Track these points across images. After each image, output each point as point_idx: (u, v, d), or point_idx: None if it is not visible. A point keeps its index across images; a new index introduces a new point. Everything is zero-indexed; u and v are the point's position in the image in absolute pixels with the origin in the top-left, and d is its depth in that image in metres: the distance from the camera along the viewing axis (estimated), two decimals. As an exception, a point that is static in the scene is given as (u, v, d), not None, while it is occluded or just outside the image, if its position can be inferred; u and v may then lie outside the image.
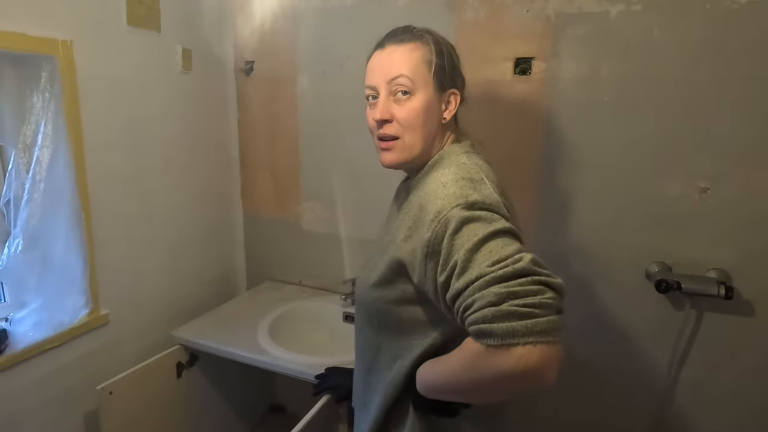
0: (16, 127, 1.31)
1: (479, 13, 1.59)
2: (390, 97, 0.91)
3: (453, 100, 0.95)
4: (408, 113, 0.90)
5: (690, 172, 1.43)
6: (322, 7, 1.79)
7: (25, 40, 1.23)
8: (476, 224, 0.75)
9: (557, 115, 1.55)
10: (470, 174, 0.85)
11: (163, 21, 1.65)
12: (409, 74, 0.89)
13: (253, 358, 1.53)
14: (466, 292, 0.71)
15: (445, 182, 0.83)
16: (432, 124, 0.92)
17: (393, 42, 0.92)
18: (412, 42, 0.91)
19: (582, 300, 1.58)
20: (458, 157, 0.91)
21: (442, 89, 0.93)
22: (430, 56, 0.90)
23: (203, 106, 1.89)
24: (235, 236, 2.14)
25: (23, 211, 1.28)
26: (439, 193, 0.82)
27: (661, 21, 1.39)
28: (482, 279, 0.69)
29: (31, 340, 1.31)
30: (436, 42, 0.92)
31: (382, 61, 0.92)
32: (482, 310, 0.67)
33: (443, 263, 0.76)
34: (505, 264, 0.69)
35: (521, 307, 0.65)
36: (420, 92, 0.90)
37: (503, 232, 0.75)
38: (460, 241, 0.74)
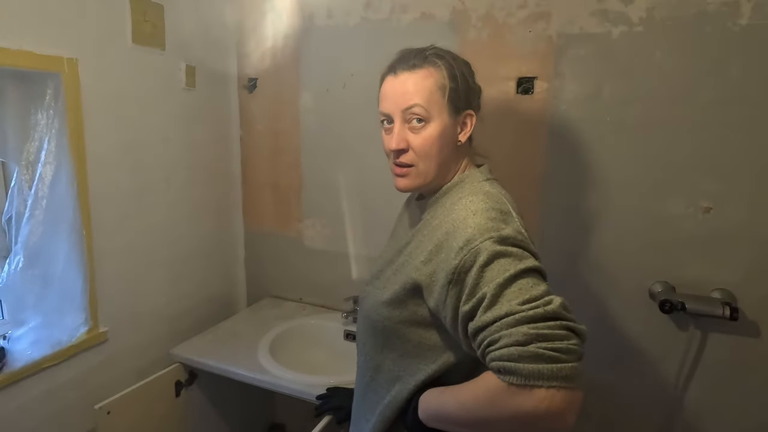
0: (20, 143, 1.31)
1: (482, 33, 1.60)
2: (405, 125, 0.91)
3: (469, 121, 0.95)
4: (424, 141, 0.90)
5: (692, 191, 1.43)
6: (326, 26, 1.81)
7: (32, 57, 1.24)
8: (507, 260, 0.75)
9: (559, 134, 1.55)
10: (499, 204, 0.85)
11: (167, 39, 1.66)
12: (424, 103, 0.88)
13: (253, 378, 1.51)
14: (493, 327, 0.71)
15: (474, 210, 0.83)
16: (447, 149, 0.92)
17: (405, 68, 0.91)
18: (425, 68, 0.90)
19: (585, 319, 1.55)
20: (482, 185, 0.92)
21: (457, 112, 0.92)
22: (443, 81, 0.90)
23: (206, 123, 1.89)
24: (235, 252, 2.13)
25: (24, 228, 1.28)
26: (468, 222, 0.82)
27: (663, 42, 1.40)
28: (512, 317, 0.70)
29: (29, 359, 1.29)
30: (449, 65, 0.91)
31: (395, 89, 0.91)
32: (509, 347, 0.68)
33: (469, 293, 0.76)
34: (536, 305, 0.70)
35: (548, 350, 0.67)
36: (435, 120, 0.89)
37: (533, 270, 0.76)
38: (490, 275, 0.74)
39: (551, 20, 1.51)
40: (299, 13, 1.84)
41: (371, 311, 0.96)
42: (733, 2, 1.32)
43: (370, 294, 1.00)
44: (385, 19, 1.72)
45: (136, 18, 1.53)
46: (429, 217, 0.95)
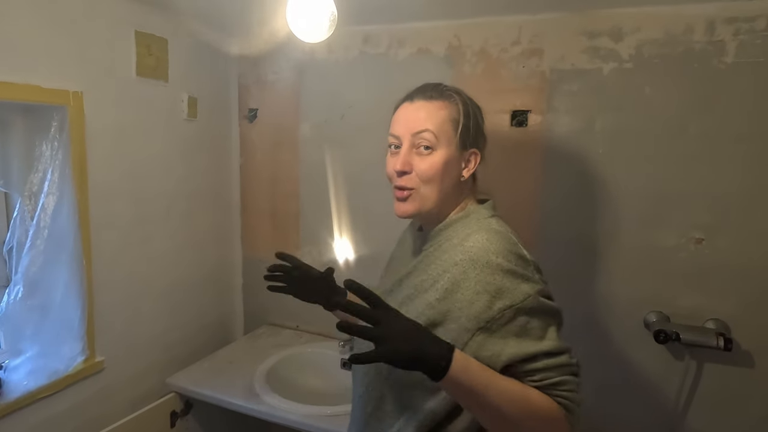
0: (23, 175, 1.34)
1: (476, 68, 1.65)
2: (412, 149, 0.94)
3: (473, 159, 0.97)
4: (428, 167, 0.92)
5: (685, 223, 1.46)
6: (326, 59, 1.86)
7: (39, 91, 1.28)
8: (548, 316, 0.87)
9: (554, 166, 1.59)
10: (514, 247, 0.89)
11: (171, 71, 1.70)
12: (434, 130, 0.92)
13: (249, 408, 1.50)
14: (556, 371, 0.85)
15: (496, 252, 0.86)
16: (450, 180, 0.94)
17: (422, 98, 0.95)
18: (441, 100, 0.94)
19: (580, 349, 1.56)
20: (489, 221, 0.94)
21: (464, 148, 0.95)
22: (456, 116, 0.93)
23: (207, 152, 1.92)
24: (233, 280, 2.14)
25: (25, 258, 1.29)
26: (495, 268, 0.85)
27: (652, 79, 1.45)
28: (569, 367, 0.87)
29: (25, 389, 1.29)
30: (464, 103, 0.95)
31: (409, 114, 0.95)
32: (573, 393, 0.86)
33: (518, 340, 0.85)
34: (577, 361, 0.88)
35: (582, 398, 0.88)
36: (442, 149, 0.92)
37: (562, 323, 0.91)
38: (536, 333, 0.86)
39: (544, 56, 1.56)
40: (300, 47, 1.89)
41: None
42: (719, 41, 1.38)
43: None
44: (382, 54, 1.77)
45: (141, 51, 1.58)
46: (432, 249, 0.95)
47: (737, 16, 1.35)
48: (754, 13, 1.34)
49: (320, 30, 1.12)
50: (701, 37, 1.39)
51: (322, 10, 1.09)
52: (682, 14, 1.40)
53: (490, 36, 1.62)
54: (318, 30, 1.12)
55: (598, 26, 1.50)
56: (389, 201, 1.82)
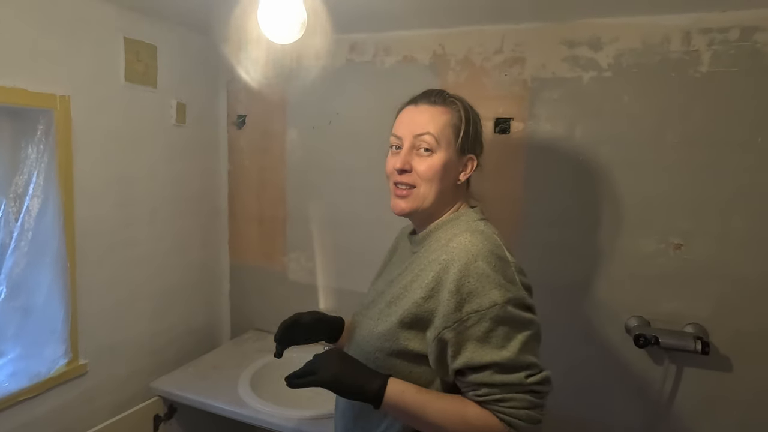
0: (8, 177, 1.35)
1: (460, 76, 1.68)
2: (413, 150, 0.98)
3: (470, 164, 1.01)
4: (427, 167, 0.96)
5: (664, 229, 1.48)
6: (313, 67, 1.88)
7: (25, 95, 1.29)
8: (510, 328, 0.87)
9: (536, 172, 1.61)
10: (496, 248, 0.91)
11: (159, 77, 1.72)
12: (435, 133, 0.95)
13: (232, 411, 1.51)
14: (503, 388, 0.86)
15: (475, 254, 0.88)
16: (447, 181, 0.98)
17: (426, 102, 0.99)
18: (444, 106, 0.98)
19: (562, 354, 1.59)
20: (477, 224, 0.97)
21: (462, 153, 0.99)
22: (457, 122, 0.97)
23: (195, 158, 1.94)
24: (220, 286, 2.14)
25: (9, 260, 1.30)
26: (471, 270, 0.87)
27: (630, 87, 1.49)
28: (520, 386, 0.86)
29: (5, 391, 1.29)
30: (466, 110, 1.00)
31: (413, 116, 0.99)
32: (520, 410, 0.86)
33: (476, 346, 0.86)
34: (537, 380, 0.86)
35: (537, 414, 0.87)
36: (442, 151, 0.96)
37: (536, 336, 0.89)
38: (497, 341, 0.86)
39: (526, 65, 1.60)
40: (288, 55, 1.91)
41: (364, 342, 0.98)
42: (694, 51, 1.41)
43: (361, 324, 1.02)
44: (368, 62, 1.80)
45: (130, 57, 1.60)
46: (422, 250, 0.99)
47: (711, 27, 1.39)
48: (728, 25, 1.37)
49: (290, 32, 1.16)
50: (677, 47, 1.43)
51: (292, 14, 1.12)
52: (659, 25, 1.44)
53: (474, 45, 1.65)
54: (288, 32, 1.15)
55: (578, 36, 1.53)
56: (377, 206, 1.86)
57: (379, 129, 1.78)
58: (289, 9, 1.09)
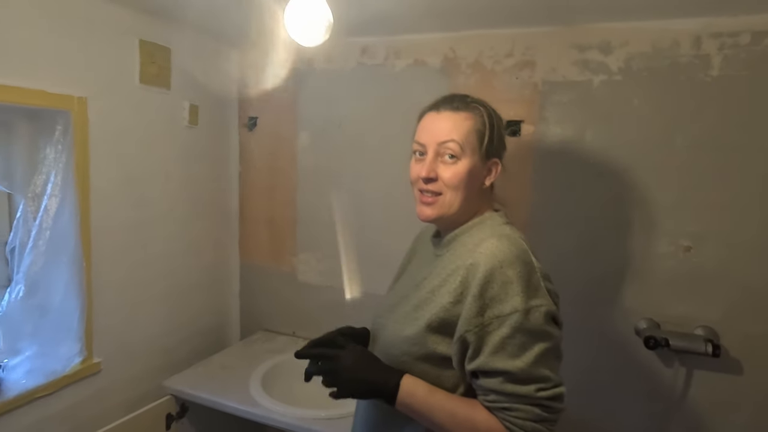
0: (27, 177, 1.37)
1: (470, 79, 1.69)
2: (438, 158, 0.97)
3: (494, 168, 1.01)
4: (453, 175, 0.96)
5: (673, 231, 1.49)
6: (324, 69, 1.91)
7: (45, 96, 1.31)
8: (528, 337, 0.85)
9: (546, 175, 1.62)
10: (522, 254, 0.90)
11: (173, 79, 1.74)
12: (460, 140, 0.95)
13: (245, 410, 1.52)
14: (511, 398, 0.85)
15: (502, 260, 0.88)
16: (473, 187, 0.98)
17: (449, 108, 0.98)
18: (466, 112, 0.97)
19: (572, 357, 1.59)
20: (503, 228, 0.97)
21: (487, 158, 0.98)
22: (481, 127, 0.97)
23: (206, 159, 1.96)
24: (230, 286, 2.16)
25: (27, 258, 1.32)
26: (496, 276, 0.87)
27: (640, 91, 1.50)
28: (529, 398, 0.85)
29: (23, 388, 1.30)
30: (489, 115, 0.99)
31: (435, 124, 0.98)
32: (525, 421, 0.85)
33: (491, 351, 0.85)
34: (549, 395, 0.85)
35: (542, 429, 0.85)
36: (466, 158, 0.95)
37: (554, 350, 0.88)
38: (512, 349, 0.85)
39: (536, 68, 1.61)
40: (299, 57, 1.93)
41: (390, 345, 0.98)
42: (704, 55, 1.42)
43: (386, 327, 1.02)
44: (380, 65, 1.82)
45: (144, 60, 1.62)
46: (448, 254, 0.99)
47: (722, 32, 1.40)
48: (738, 29, 1.38)
49: (316, 35, 1.17)
50: (688, 50, 1.44)
51: (318, 16, 1.14)
52: (669, 29, 1.45)
53: (485, 48, 1.67)
54: (314, 35, 1.17)
55: (588, 40, 1.54)
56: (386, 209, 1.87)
57: (389, 132, 1.81)
58: (315, 11, 1.11)
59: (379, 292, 1.74)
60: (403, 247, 1.23)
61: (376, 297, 1.18)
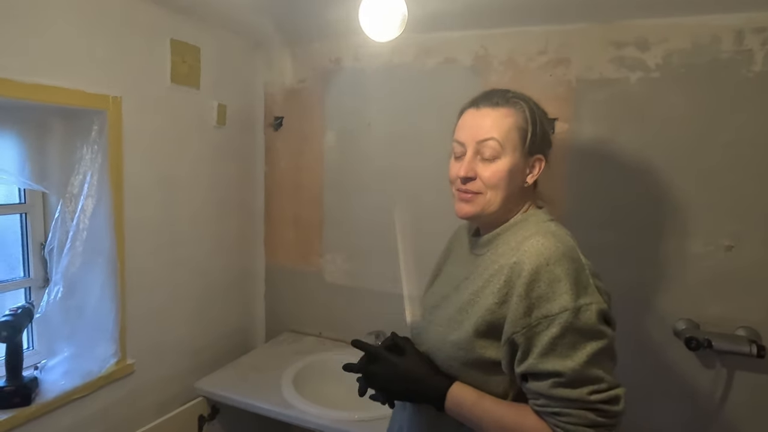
0: (64, 177, 1.36)
1: (503, 76, 1.67)
2: (477, 156, 0.94)
3: (538, 165, 0.97)
4: (492, 174, 0.93)
5: (713, 230, 1.47)
6: (352, 68, 1.89)
7: (82, 96, 1.31)
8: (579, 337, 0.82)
9: (579, 173, 1.60)
10: (570, 251, 0.87)
11: (202, 78, 1.73)
12: (500, 138, 0.92)
13: (279, 412, 1.50)
14: (562, 403, 0.81)
15: (548, 257, 0.85)
16: (514, 186, 0.95)
17: (488, 105, 0.95)
18: (507, 108, 0.94)
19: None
20: (547, 225, 0.94)
21: (529, 155, 0.95)
22: (522, 124, 0.93)
23: (233, 159, 1.95)
24: (256, 287, 2.15)
25: (64, 259, 1.31)
26: (542, 274, 0.84)
27: (679, 88, 1.47)
28: (582, 403, 0.81)
29: (61, 389, 1.30)
30: (531, 110, 0.95)
31: (475, 121, 0.95)
32: (578, 427, 0.81)
33: (540, 353, 0.82)
34: (602, 398, 0.81)
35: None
36: (507, 156, 0.92)
37: (608, 350, 0.85)
38: (563, 350, 0.82)
39: (570, 66, 1.59)
40: (326, 56, 1.92)
41: (435, 350, 0.96)
42: (747, 51, 1.40)
43: (428, 330, 1.00)
44: (409, 63, 1.80)
45: (175, 59, 1.61)
46: (490, 253, 0.96)
47: (765, 26, 1.37)
48: (783, 24, 1.36)
49: (391, 29, 1.18)
50: (729, 46, 1.41)
51: (393, 9, 1.13)
52: (709, 25, 1.43)
53: (517, 46, 1.65)
54: (388, 29, 1.17)
55: (625, 36, 1.52)
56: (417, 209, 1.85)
57: (420, 131, 1.79)
58: (391, 4, 1.10)
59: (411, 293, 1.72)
60: (434, 248, 1.21)
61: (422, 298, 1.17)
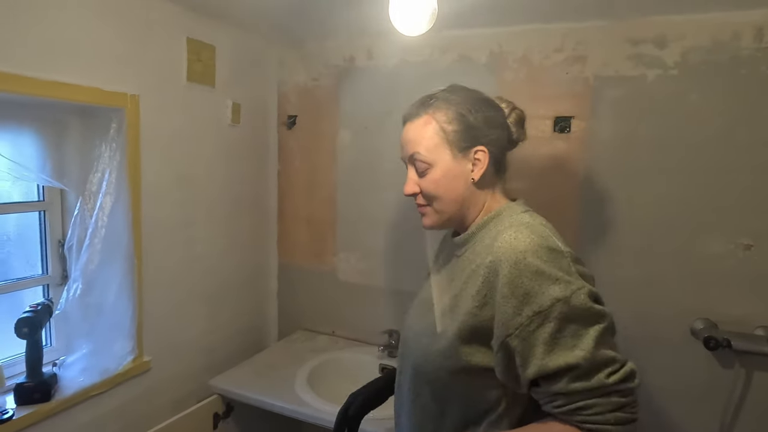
0: (83, 174, 1.37)
1: (519, 74, 1.67)
2: (415, 170, 0.95)
3: (481, 157, 0.92)
4: (428, 185, 0.93)
5: (732, 229, 1.45)
6: (366, 67, 1.89)
7: (100, 94, 1.31)
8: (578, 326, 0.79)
9: (596, 172, 1.59)
10: (545, 240, 0.83)
11: (217, 77, 1.74)
12: (423, 150, 0.92)
13: (294, 410, 1.50)
14: (584, 394, 0.78)
15: (524, 250, 0.80)
16: (458, 187, 0.93)
17: (410, 117, 0.96)
18: (425, 115, 0.93)
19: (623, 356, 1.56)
20: (520, 217, 0.90)
21: (465, 151, 0.92)
22: (445, 125, 0.91)
23: (247, 158, 1.95)
24: (269, 285, 2.15)
25: (83, 256, 1.32)
26: (522, 268, 0.79)
27: (698, 85, 1.46)
28: (603, 389, 0.78)
29: (79, 386, 1.31)
30: (452, 108, 0.92)
31: (404, 137, 0.96)
32: (606, 415, 0.78)
33: (545, 351, 0.78)
34: (619, 378, 0.78)
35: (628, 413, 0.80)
36: (437, 164, 0.92)
37: (610, 328, 0.81)
38: (566, 341, 0.78)
39: (587, 63, 1.58)
40: (340, 54, 1.92)
41: (423, 360, 0.92)
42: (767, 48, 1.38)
43: (414, 341, 0.97)
44: (424, 61, 1.79)
45: (191, 57, 1.61)
46: (467, 254, 0.93)
47: (787, 23, 1.36)
48: (805, 20, 1.34)
49: (420, 23, 1.18)
50: (749, 43, 1.40)
51: (424, 4, 1.14)
52: (729, 21, 1.41)
53: (533, 43, 1.64)
54: (418, 23, 1.17)
55: (642, 33, 1.51)
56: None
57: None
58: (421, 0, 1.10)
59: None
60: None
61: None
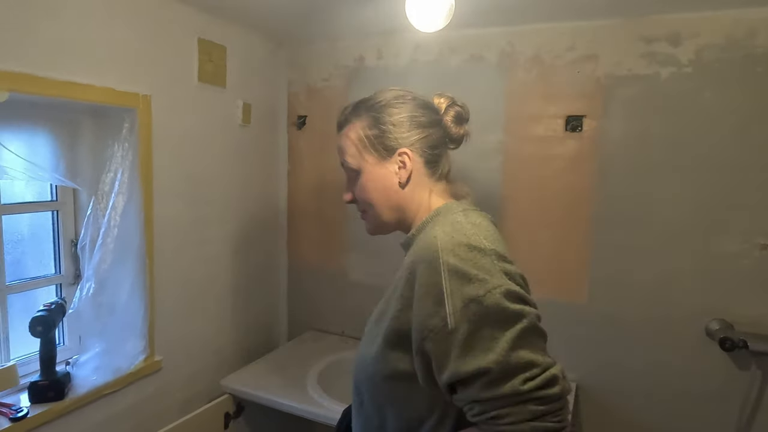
0: (96, 174, 1.38)
1: (530, 73, 1.66)
2: (349, 178, 0.96)
3: (406, 159, 0.91)
4: (359, 192, 0.94)
5: (748, 229, 1.44)
6: (376, 67, 1.89)
7: (113, 94, 1.32)
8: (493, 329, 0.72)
9: (608, 172, 1.58)
10: (468, 239, 0.79)
11: (228, 77, 1.74)
12: (348, 158, 0.93)
13: (305, 410, 1.50)
14: (497, 402, 0.71)
15: (441, 249, 0.77)
16: (388, 192, 0.92)
17: (339, 125, 0.98)
18: (348, 124, 0.95)
19: (638, 357, 1.55)
20: (454, 216, 0.86)
21: (388, 155, 0.91)
22: (365, 131, 0.92)
23: (257, 158, 1.96)
24: (278, 286, 2.15)
25: (96, 255, 1.32)
26: (437, 268, 0.76)
27: (712, 83, 1.44)
28: (517, 397, 0.70)
29: (92, 385, 1.31)
30: (371, 114, 0.92)
31: (337, 145, 0.98)
32: (521, 424, 0.70)
33: (459, 355, 0.73)
34: (543, 381, 0.70)
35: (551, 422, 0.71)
36: (363, 170, 0.92)
37: (532, 329, 0.73)
38: (483, 344, 0.72)
39: (599, 62, 1.57)
40: (350, 55, 1.92)
41: (360, 370, 0.89)
42: (783, 45, 1.37)
43: (360, 353, 0.92)
44: (433, 61, 1.79)
45: (202, 58, 1.62)
46: (405, 258, 0.90)
47: (803, 20, 1.34)
48: (821, 17, 1.33)
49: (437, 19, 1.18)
50: (764, 41, 1.39)
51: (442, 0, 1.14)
52: (744, 18, 1.40)
53: (544, 42, 1.63)
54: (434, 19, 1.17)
55: (656, 31, 1.50)
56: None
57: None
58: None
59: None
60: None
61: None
